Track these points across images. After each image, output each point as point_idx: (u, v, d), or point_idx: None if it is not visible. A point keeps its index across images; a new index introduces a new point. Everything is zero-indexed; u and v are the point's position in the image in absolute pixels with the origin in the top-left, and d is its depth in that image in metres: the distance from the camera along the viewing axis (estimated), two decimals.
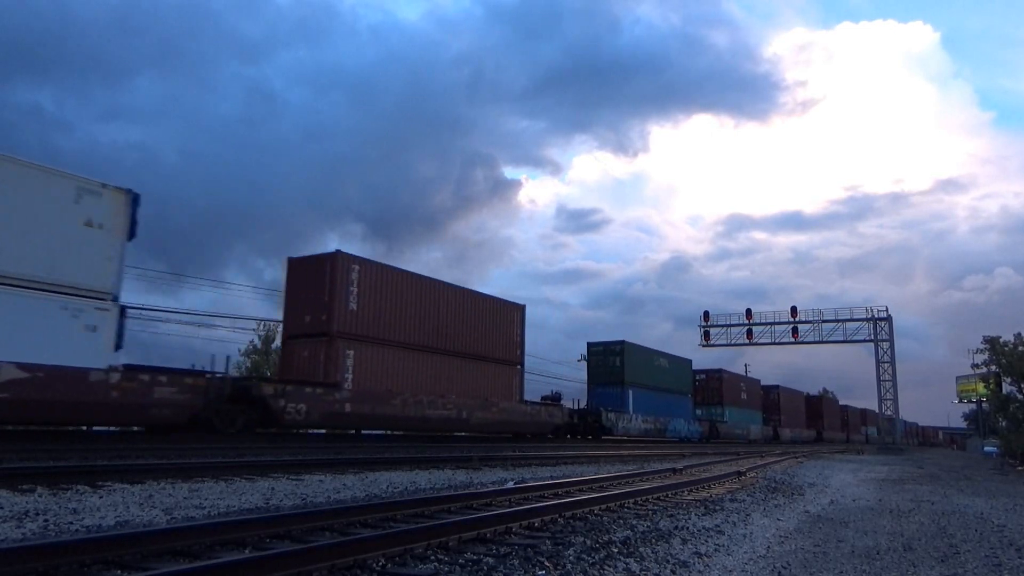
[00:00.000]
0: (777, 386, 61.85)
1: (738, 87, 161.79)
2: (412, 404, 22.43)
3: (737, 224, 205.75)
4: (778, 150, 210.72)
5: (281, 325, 22.74)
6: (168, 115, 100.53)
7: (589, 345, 38.68)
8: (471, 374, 25.68)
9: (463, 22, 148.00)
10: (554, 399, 32.82)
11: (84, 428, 16.14)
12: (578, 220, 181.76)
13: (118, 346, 14.54)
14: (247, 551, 5.18)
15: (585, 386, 38.91)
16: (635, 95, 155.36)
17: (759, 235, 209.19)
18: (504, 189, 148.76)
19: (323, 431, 22.25)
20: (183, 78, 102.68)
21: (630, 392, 36.83)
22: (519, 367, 28.91)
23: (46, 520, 6.29)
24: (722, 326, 58.06)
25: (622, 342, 37.52)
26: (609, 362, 37.57)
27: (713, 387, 48.47)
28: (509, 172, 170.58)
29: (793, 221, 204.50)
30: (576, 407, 34.62)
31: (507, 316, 28.56)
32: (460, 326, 25.52)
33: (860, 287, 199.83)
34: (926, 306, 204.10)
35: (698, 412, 46.64)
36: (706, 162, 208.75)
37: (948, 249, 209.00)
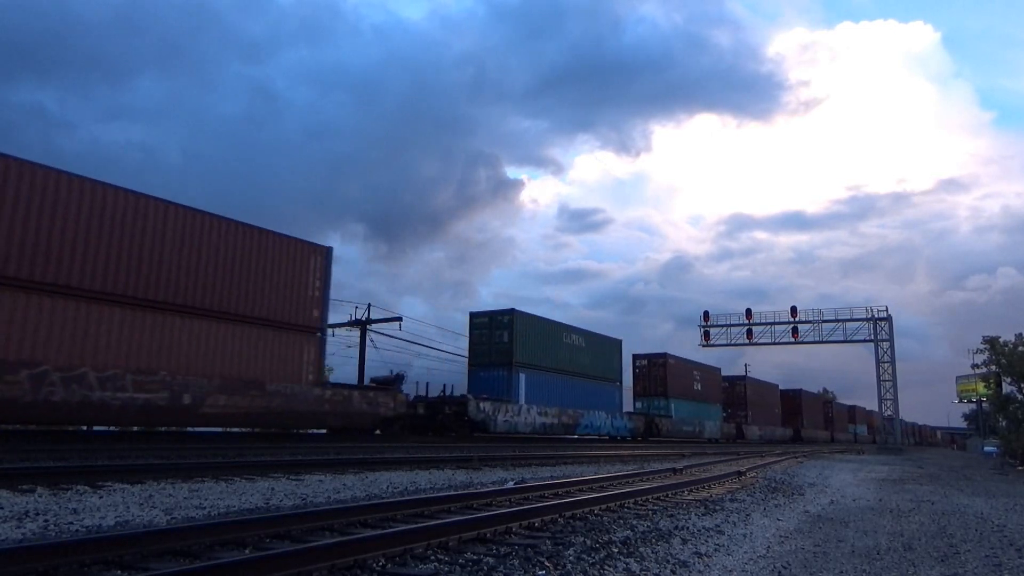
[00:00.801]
0: (744, 377, 56.44)
1: (741, 86, 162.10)
2: (61, 383, 14.58)
3: (739, 224, 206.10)
4: (781, 150, 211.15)
5: None
6: (170, 115, 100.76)
7: (472, 316, 30.45)
8: (223, 343, 18.09)
9: (466, 22, 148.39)
10: (388, 382, 25.18)
11: (84, 428, 16.13)
12: (580, 220, 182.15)
13: None
14: (247, 551, 5.18)
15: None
16: (638, 94, 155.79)
17: (761, 235, 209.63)
18: (507, 189, 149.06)
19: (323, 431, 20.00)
20: (185, 78, 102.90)
21: (522, 376, 29.16)
22: (318, 334, 21.02)
23: (46, 520, 6.29)
24: (722, 326, 58.08)
25: (511, 311, 29.62)
26: (495, 337, 29.34)
27: (656, 375, 41.43)
28: (511, 172, 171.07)
29: (795, 221, 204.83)
30: (425, 394, 26.97)
31: (295, 261, 20.40)
32: (199, 269, 17.79)
33: (862, 287, 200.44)
34: (927, 306, 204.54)
35: (637, 405, 40.58)
36: (708, 162, 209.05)
37: (950, 249, 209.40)
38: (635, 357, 42.23)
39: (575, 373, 33.09)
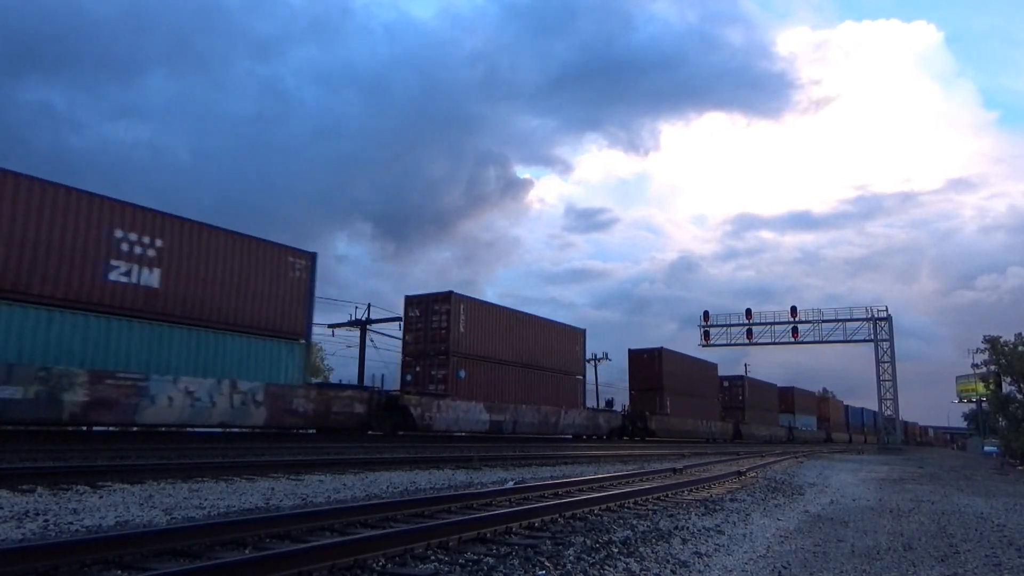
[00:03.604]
0: (495, 306, 28.54)
1: (753, 85, 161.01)
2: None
3: (745, 223, 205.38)
4: (789, 149, 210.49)
5: None
6: (180, 113, 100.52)
7: None
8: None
9: (477, 20, 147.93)
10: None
11: (84, 428, 16.18)
12: (586, 219, 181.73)
13: None
14: (247, 551, 5.18)
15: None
16: (648, 93, 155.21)
17: (767, 234, 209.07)
18: (515, 189, 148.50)
19: None
20: (195, 76, 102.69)
21: None
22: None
23: (46, 520, 6.29)
24: (722, 326, 58.06)
25: None
26: None
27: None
28: (519, 171, 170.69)
29: (802, 220, 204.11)
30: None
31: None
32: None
33: (868, 286, 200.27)
34: (933, 305, 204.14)
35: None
36: (715, 161, 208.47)
37: (955, 249, 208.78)
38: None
39: None
